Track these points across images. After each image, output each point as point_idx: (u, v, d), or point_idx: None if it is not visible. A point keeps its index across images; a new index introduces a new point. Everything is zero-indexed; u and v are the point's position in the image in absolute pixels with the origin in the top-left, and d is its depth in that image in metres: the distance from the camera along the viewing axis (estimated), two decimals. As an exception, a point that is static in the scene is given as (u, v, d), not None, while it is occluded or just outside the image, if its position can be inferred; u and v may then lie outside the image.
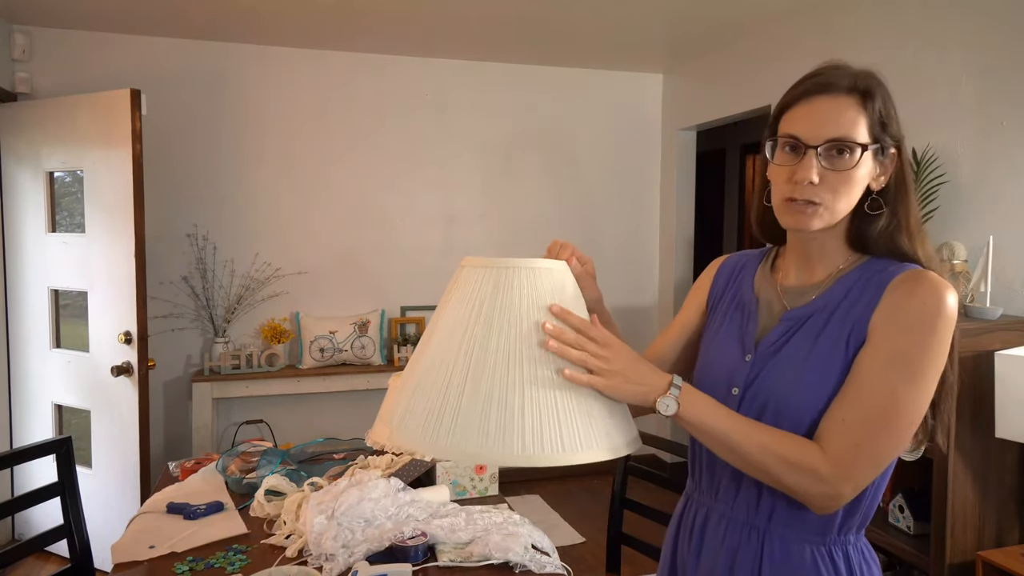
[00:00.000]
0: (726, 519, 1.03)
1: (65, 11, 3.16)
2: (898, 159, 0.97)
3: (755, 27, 3.42)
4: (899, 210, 0.97)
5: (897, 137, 0.97)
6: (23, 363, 3.29)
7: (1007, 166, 2.31)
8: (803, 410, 0.94)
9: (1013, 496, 2.16)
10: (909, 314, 0.90)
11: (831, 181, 0.93)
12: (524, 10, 3.15)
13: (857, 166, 0.93)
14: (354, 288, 3.94)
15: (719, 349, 1.07)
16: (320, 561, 1.46)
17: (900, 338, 0.90)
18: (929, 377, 0.90)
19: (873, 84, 0.96)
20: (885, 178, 0.97)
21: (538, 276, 0.89)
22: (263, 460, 1.98)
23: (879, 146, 0.95)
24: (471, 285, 0.89)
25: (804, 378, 0.95)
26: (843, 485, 0.88)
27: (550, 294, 0.90)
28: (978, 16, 2.40)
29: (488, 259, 0.89)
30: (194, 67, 3.62)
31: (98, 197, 3.00)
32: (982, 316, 2.13)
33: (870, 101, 0.95)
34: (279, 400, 3.84)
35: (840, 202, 0.94)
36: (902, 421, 0.89)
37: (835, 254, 1.01)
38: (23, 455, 1.84)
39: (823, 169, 0.93)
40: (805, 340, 0.97)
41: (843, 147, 0.93)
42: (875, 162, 0.96)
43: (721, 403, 0.95)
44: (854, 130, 0.93)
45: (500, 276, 0.87)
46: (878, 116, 0.95)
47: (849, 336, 0.94)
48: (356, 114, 3.88)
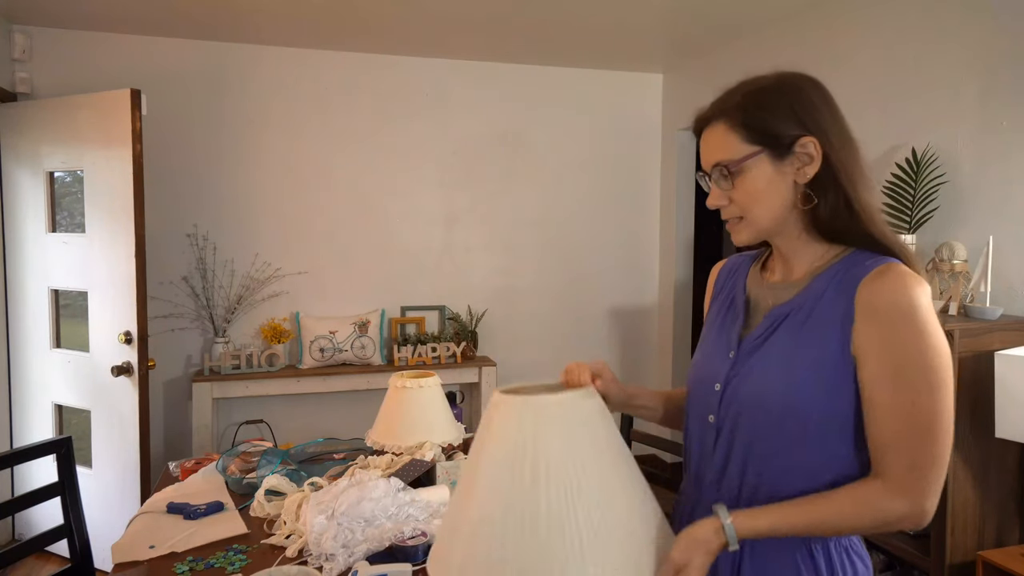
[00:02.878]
0: (710, 512, 1.06)
1: (65, 11, 3.16)
2: (818, 147, 0.97)
3: (755, 27, 3.42)
4: (832, 194, 0.98)
5: (797, 130, 0.97)
6: (23, 363, 3.29)
7: (1007, 166, 2.31)
8: (784, 405, 0.96)
9: (1013, 496, 2.16)
10: (892, 324, 0.91)
11: (738, 197, 0.99)
12: (524, 10, 3.15)
13: (746, 175, 0.98)
14: (354, 288, 3.94)
15: (708, 347, 1.11)
16: (320, 561, 1.46)
17: (899, 352, 0.91)
18: (940, 373, 0.91)
19: (741, 100, 1.00)
20: (811, 168, 0.98)
21: (573, 408, 0.92)
22: (263, 460, 1.98)
23: (768, 148, 0.97)
24: (510, 425, 0.91)
25: (784, 373, 0.97)
26: (922, 505, 0.91)
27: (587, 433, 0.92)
28: (978, 16, 2.40)
29: (521, 397, 0.91)
30: (194, 67, 3.62)
31: (98, 197, 3.00)
32: (982, 316, 2.13)
33: (738, 116, 0.99)
34: (279, 400, 3.84)
35: (756, 210, 0.99)
36: (938, 425, 0.90)
37: (808, 250, 1.03)
38: (23, 455, 1.84)
39: (726, 191, 1.00)
40: (786, 336, 0.99)
41: (725, 167, 0.99)
42: (780, 161, 0.98)
43: (770, 507, 0.95)
44: (725, 149, 0.99)
45: (537, 414, 0.90)
46: (754, 123, 0.98)
47: (827, 338, 0.95)
48: (356, 114, 3.88)
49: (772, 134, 0.98)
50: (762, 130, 0.98)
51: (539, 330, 4.26)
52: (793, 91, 1.01)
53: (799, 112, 0.98)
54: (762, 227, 1.01)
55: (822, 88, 1.04)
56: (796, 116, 0.98)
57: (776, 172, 0.98)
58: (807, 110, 0.99)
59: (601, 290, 4.34)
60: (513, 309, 4.20)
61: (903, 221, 2.51)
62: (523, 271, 4.21)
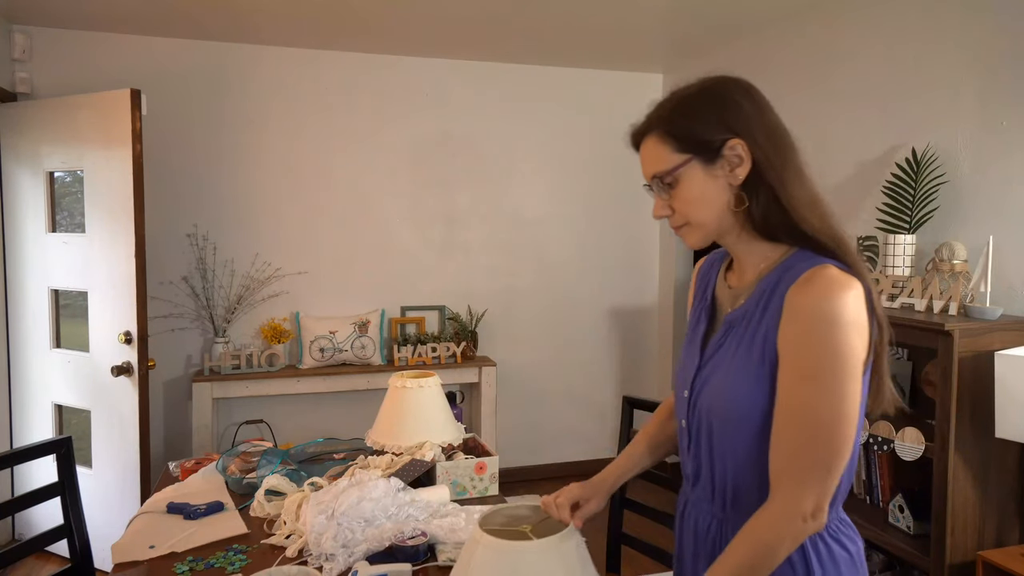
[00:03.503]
0: (695, 507, 1.12)
1: (65, 11, 3.16)
2: (747, 148, 0.98)
3: (755, 27, 3.42)
4: (763, 194, 0.99)
5: (724, 134, 0.98)
6: (23, 363, 3.29)
7: (1007, 166, 2.31)
8: (733, 410, 1.00)
9: (1013, 496, 2.16)
10: (808, 332, 0.92)
11: (678, 205, 1.02)
12: (524, 10, 3.15)
13: (681, 184, 1.01)
14: (354, 288, 3.94)
15: (685, 350, 1.14)
16: (320, 561, 1.46)
17: (803, 356, 0.93)
18: (841, 383, 0.91)
19: (668, 112, 1.03)
20: (742, 170, 0.99)
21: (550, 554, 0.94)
22: (263, 460, 1.98)
23: (697, 155, 0.99)
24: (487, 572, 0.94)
25: (732, 380, 1.00)
26: (813, 516, 0.92)
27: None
28: (978, 16, 2.40)
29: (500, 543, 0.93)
30: (194, 67, 3.62)
31: (98, 197, 3.00)
32: (982, 316, 2.13)
33: (665, 127, 1.02)
34: (279, 400, 3.84)
35: (697, 215, 1.02)
36: (834, 433, 0.92)
37: (754, 251, 1.05)
38: (23, 455, 1.84)
39: (666, 200, 1.03)
40: (734, 343, 1.02)
41: (661, 178, 1.02)
42: (711, 166, 1.00)
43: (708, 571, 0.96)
44: (659, 160, 1.02)
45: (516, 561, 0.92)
46: (682, 132, 1.00)
47: (763, 344, 0.98)
48: (356, 114, 3.88)
49: (699, 140, 0.99)
50: (689, 138, 1.00)
51: (539, 330, 4.26)
52: (717, 96, 1.02)
53: (724, 116, 0.99)
54: (707, 231, 1.03)
55: (750, 89, 1.04)
56: (721, 120, 0.99)
57: (709, 177, 1.00)
58: (732, 113, 1.00)
59: (601, 290, 4.34)
60: (513, 309, 4.20)
61: (903, 221, 2.51)
62: (523, 271, 4.21)
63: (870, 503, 2.54)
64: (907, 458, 2.18)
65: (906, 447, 2.18)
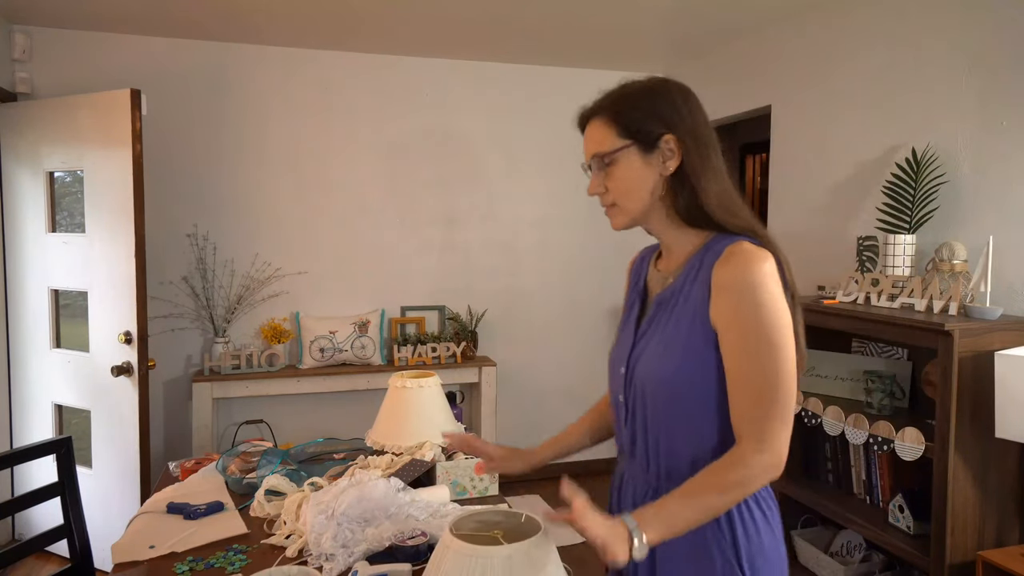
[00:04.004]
0: (632, 477, 1.20)
1: (65, 11, 3.16)
2: (679, 144, 1.10)
3: (755, 27, 3.42)
4: (690, 186, 1.10)
5: (662, 128, 1.10)
6: (23, 363, 3.29)
7: (1007, 166, 2.31)
8: (666, 382, 1.10)
9: (1013, 496, 2.16)
10: (739, 304, 1.03)
11: (612, 185, 1.13)
12: (524, 10, 3.15)
13: (619, 165, 1.12)
14: (354, 288, 3.94)
15: (620, 334, 1.25)
16: (320, 561, 1.46)
17: (743, 326, 1.03)
18: (780, 337, 1.03)
19: (615, 100, 1.14)
20: (672, 163, 1.11)
21: (520, 559, 0.95)
22: (263, 460, 1.98)
23: (637, 142, 1.11)
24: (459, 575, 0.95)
25: (664, 353, 1.10)
26: (776, 455, 1.02)
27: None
28: (978, 16, 2.40)
29: (471, 548, 0.94)
30: (194, 67, 3.62)
31: (98, 197, 3.00)
32: (982, 316, 2.13)
33: (613, 113, 1.13)
34: (279, 400, 3.84)
35: (627, 198, 1.13)
36: (781, 384, 1.02)
37: (680, 237, 1.17)
38: (23, 455, 1.84)
39: (602, 180, 1.14)
40: (665, 319, 1.13)
41: (601, 158, 1.13)
42: (648, 155, 1.11)
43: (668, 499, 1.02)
44: (605, 142, 1.12)
45: (486, 567, 0.93)
46: (626, 120, 1.11)
47: (693, 317, 1.08)
48: (356, 114, 3.88)
49: (641, 130, 1.11)
50: (632, 126, 1.11)
51: (539, 330, 4.26)
52: (661, 94, 1.13)
53: (664, 112, 1.11)
54: (633, 214, 1.14)
55: (688, 93, 1.15)
56: (662, 116, 1.11)
57: (644, 164, 1.11)
58: (671, 111, 1.11)
59: (601, 290, 4.34)
60: (513, 309, 4.20)
61: (903, 221, 2.51)
62: (523, 271, 4.21)
63: (870, 503, 2.54)
64: (907, 458, 2.18)
65: (906, 447, 2.18)
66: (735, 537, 1.08)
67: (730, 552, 1.08)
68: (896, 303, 2.37)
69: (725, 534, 1.08)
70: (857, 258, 2.66)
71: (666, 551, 1.09)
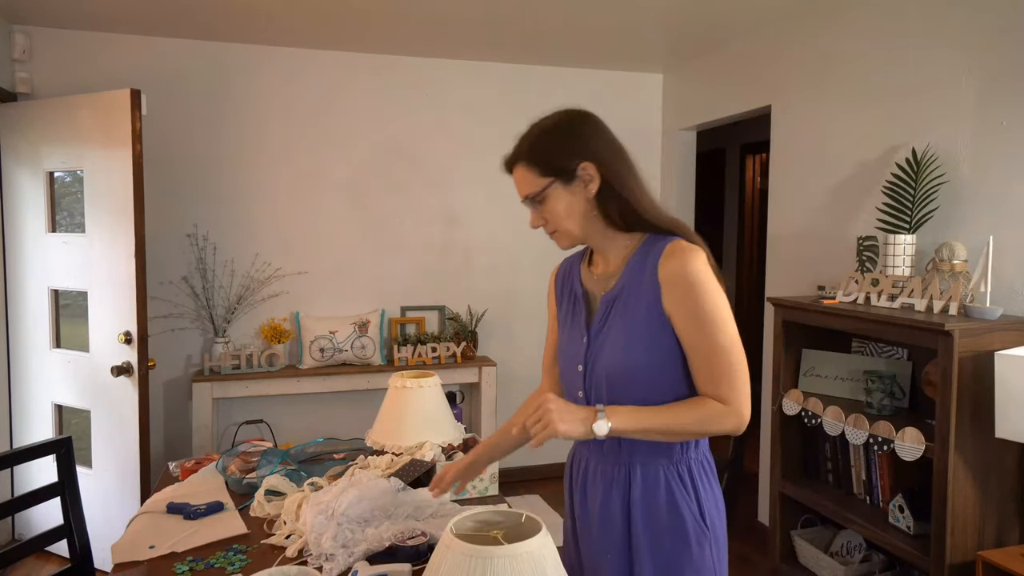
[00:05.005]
0: (602, 461, 1.33)
1: (65, 11, 3.16)
2: (596, 168, 1.25)
3: (755, 27, 3.42)
4: (614, 200, 1.26)
5: (576, 160, 1.25)
6: (23, 363, 3.29)
7: (1007, 166, 2.31)
8: (629, 369, 1.25)
9: (1013, 496, 2.16)
10: (681, 290, 1.21)
11: (548, 217, 1.30)
12: (524, 10, 3.15)
13: (548, 201, 1.28)
14: (354, 288, 3.94)
15: (567, 336, 1.38)
16: (320, 561, 1.46)
17: (694, 310, 1.21)
18: (725, 315, 1.21)
19: (530, 144, 1.29)
20: (594, 185, 1.26)
21: (520, 558, 0.96)
22: (263, 460, 1.98)
23: (558, 178, 1.26)
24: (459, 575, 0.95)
25: (624, 345, 1.25)
26: (741, 413, 1.21)
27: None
28: (978, 16, 2.40)
29: (471, 548, 0.95)
30: (194, 67, 3.62)
31: (98, 197, 3.00)
32: (982, 316, 2.13)
33: (528, 157, 1.29)
34: (279, 400, 3.84)
35: (564, 224, 1.29)
36: (734, 353, 1.21)
37: (616, 243, 1.32)
38: (23, 455, 1.84)
39: (539, 214, 1.31)
40: (618, 315, 1.27)
41: (532, 198, 1.30)
42: (570, 185, 1.27)
43: (637, 407, 1.22)
44: (528, 184, 1.29)
45: (485, 567, 0.94)
46: (542, 161, 1.27)
47: (647, 310, 1.24)
48: (356, 114, 3.88)
49: (557, 167, 1.26)
50: (549, 165, 1.26)
51: (539, 330, 4.25)
52: (567, 128, 1.28)
53: (574, 145, 1.26)
54: (574, 236, 1.31)
55: (590, 119, 1.31)
56: (573, 148, 1.26)
57: (569, 194, 1.27)
58: (581, 141, 1.26)
59: (601, 290, 4.34)
60: (513, 309, 4.20)
61: (903, 221, 2.51)
62: (523, 271, 4.21)
63: (870, 503, 2.54)
64: (907, 458, 2.18)
65: (906, 447, 2.18)
66: (699, 499, 1.29)
67: (696, 512, 1.28)
68: (896, 303, 2.37)
69: (692, 498, 1.28)
70: (857, 258, 2.66)
71: (645, 514, 1.28)
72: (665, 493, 1.28)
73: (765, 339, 3.44)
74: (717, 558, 1.31)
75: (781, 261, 3.38)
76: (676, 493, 1.28)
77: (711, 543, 1.29)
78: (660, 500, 1.28)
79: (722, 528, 1.34)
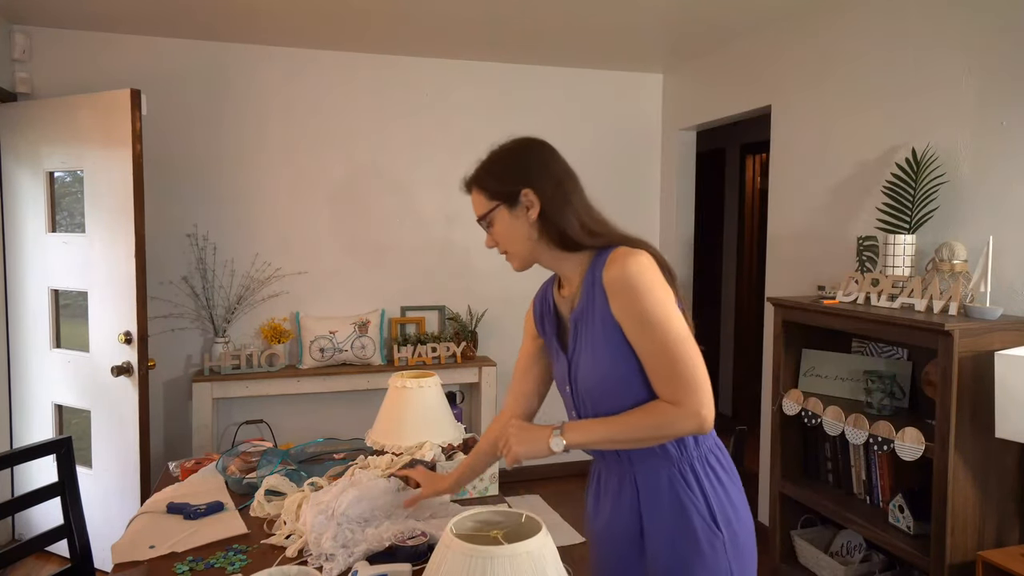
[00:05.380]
0: (609, 470, 1.38)
1: (65, 11, 3.16)
2: (536, 195, 1.31)
3: (755, 27, 3.42)
4: (554, 224, 1.32)
5: (518, 186, 1.32)
6: (23, 363, 3.29)
7: (1007, 166, 2.31)
8: (603, 384, 1.28)
9: (1013, 496, 2.16)
10: (623, 297, 1.23)
11: (498, 238, 1.38)
12: (524, 10, 3.15)
13: (496, 224, 1.36)
14: (354, 288, 3.94)
15: (555, 360, 1.44)
16: (320, 561, 1.46)
17: (632, 315, 1.23)
18: (668, 313, 1.21)
19: (481, 171, 1.39)
20: (534, 211, 1.32)
21: (520, 558, 0.96)
22: (263, 460, 1.98)
23: (502, 202, 1.34)
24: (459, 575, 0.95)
25: (594, 361, 1.29)
26: (697, 412, 1.19)
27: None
28: (978, 16, 2.40)
29: (471, 547, 0.95)
30: (194, 67, 3.62)
31: (98, 197, 3.00)
32: (982, 316, 2.13)
33: (479, 185, 1.38)
34: (279, 400, 3.84)
35: (513, 246, 1.36)
36: (681, 352, 1.20)
37: (569, 264, 1.36)
38: (23, 455, 1.84)
39: (491, 236, 1.39)
40: (584, 333, 1.31)
41: (483, 220, 1.38)
42: (515, 209, 1.33)
43: (594, 419, 1.29)
44: (479, 206, 1.38)
45: (485, 567, 0.95)
46: (489, 186, 1.36)
47: (603, 323, 1.27)
48: (356, 114, 3.88)
49: (501, 192, 1.34)
50: (495, 190, 1.35)
51: (539, 330, 4.25)
52: (515, 155, 1.36)
53: (517, 172, 1.33)
54: (522, 256, 1.37)
55: (539, 146, 1.37)
56: (515, 176, 1.33)
57: (513, 217, 1.34)
58: (523, 169, 1.33)
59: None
60: (513, 309, 4.20)
61: (903, 221, 2.51)
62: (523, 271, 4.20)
63: (870, 503, 2.54)
64: (907, 458, 2.19)
65: (906, 447, 2.18)
66: (707, 499, 1.27)
67: (705, 513, 1.27)
68: (896, 303, 2.37)
69: (699, 498, 1.28)
70: (857, 258, 2.66)
71: (652, 519, 1.29)
72: (668, 495, 1.28)
73: (765, 339, 3.44)
74: (734, 559, 1.28)
75: (781, 261, 3.38)
76: (681, 495, 1.28)
77: (725, 544, 1.27)
78: (664, 504, 1.28)
79: (742, 527, 1.30)
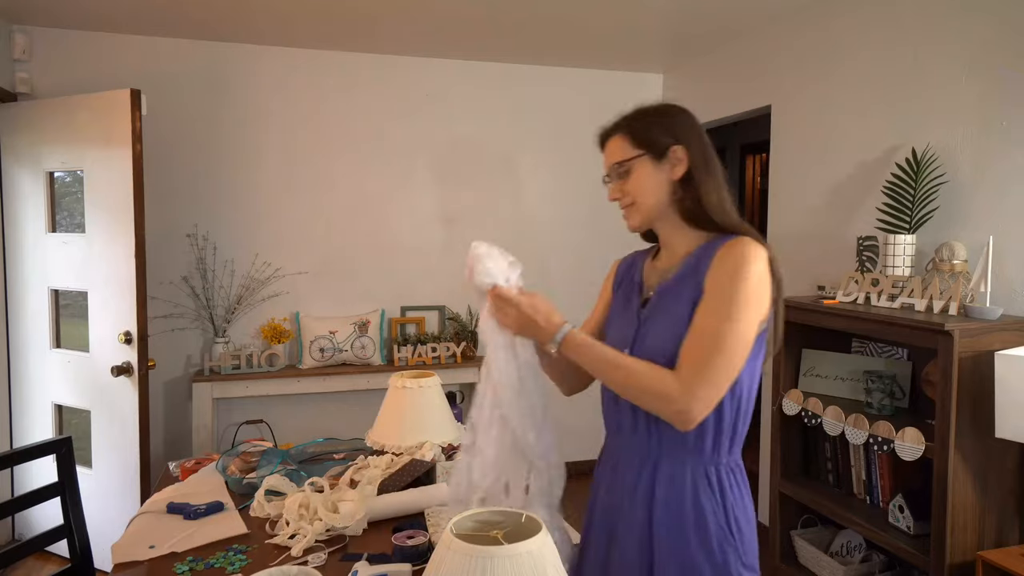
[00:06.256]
0: (628, 451, 1.34)
1: (65, 11, 3.16)
2: (686, 153, 1.29)
3: (755, 27, 3.42)
4: (693, 191, 1.29)
5: (670, 140, 1.29)
6: (23, 363, 3.29)
7: (1007, 166, 2.31)
8: (669, 354, 1.23)
9: (1013, 496, 2.16)
10: (725, 270, 1.20)
11: (629, 188, 1.33)
12: (524, 10, 3.15)
13: (634, 171, 1.32)
14: (354, 288, 3.94)
15: (618, 323, 1.42)
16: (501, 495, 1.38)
17: (719, 288, 1.20)
18: (744, 312, 1.18)
19: (629, 119, 1.35)
20: (680, 169, 1.30)
21: (521, 559, 0.96)
22: (263, 460, 1.98)
23: (649, 152, 1.30)
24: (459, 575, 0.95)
25: (667, 331, 1.26)
26: (691, 403, 1.16)
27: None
28: (978, 16, 2.40)
29: (471, 548, 0.94)
30: (194, 67, 3.62)
31: (98, 197, 3.00)
32: (982, 316, 2.13)
33: (628, 129, 1.34)
34: (279, 400, 3.84)
35: (646, 199, 1.32)
36: (727, 348, 1.17)
37: (682, 236, 1.34)
38: (23, 455, 1.84)
39: (620, 186, 1.35)
40: (666, 303, 1.29)
41: (620, 165, 1.34)
42: (659, 163, 1.31)
43: (600, 347, 1.26)
44: (619, 152, 1.34)
45: (485, 568, 0.94)
46: (640, 134, 1.32)
47: (691, 302, 1.24)
48: (356, 114, 3.88)
49: (651, 141, 1.31)
50: (644, 138, 1.31)
51: (539, 330, 4.25)
52: (669, 114, 1.34)
53: (672, 128, 1.31)
54: (648, 212, 1.33)
55: (691, 115, 1.35)
56: (669, 130, 1.30)
57: (656, 170, 1.31)
58: (678, 127, 1.31)
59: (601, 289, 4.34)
60: (513, 309, 4.20)
61: (903, 221, 2.51)
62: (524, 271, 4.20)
63: (870, 503, 2.54)
64: (907, 458, 2.19)
65: (906, 447, 2.18)
66: (725, 505, 1.27)
67: (721, 517, 1.26)
68: (896, 303, 2.37)
69: (719, 504, 1.26)
70: (857, 258, 2.66)
71: (669, 522, 1.26)
72: (691, 489, 1.26)
73: (765, 339, 3.44)
74: (742, 571, 1.26)
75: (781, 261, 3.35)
76: (701, 492, 1.26)
77: (736, 553, 1.26)
78: (685, 496, 1.26)
79: (751, 542, 1.30)
